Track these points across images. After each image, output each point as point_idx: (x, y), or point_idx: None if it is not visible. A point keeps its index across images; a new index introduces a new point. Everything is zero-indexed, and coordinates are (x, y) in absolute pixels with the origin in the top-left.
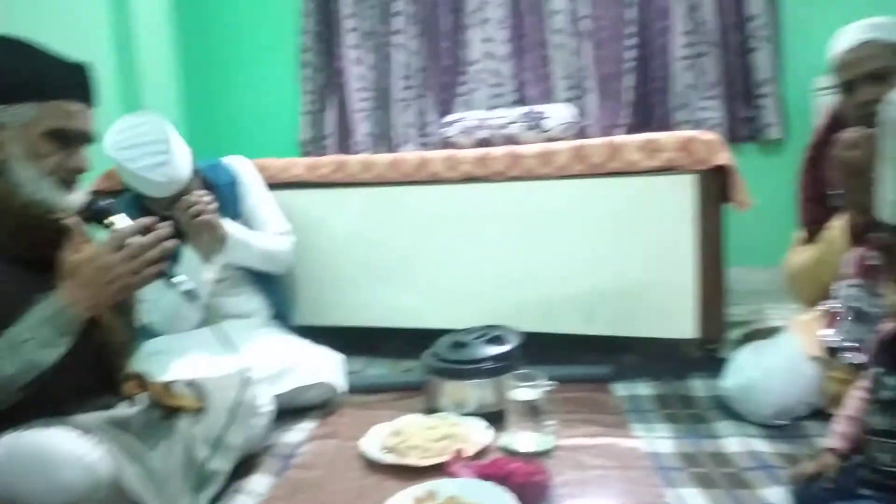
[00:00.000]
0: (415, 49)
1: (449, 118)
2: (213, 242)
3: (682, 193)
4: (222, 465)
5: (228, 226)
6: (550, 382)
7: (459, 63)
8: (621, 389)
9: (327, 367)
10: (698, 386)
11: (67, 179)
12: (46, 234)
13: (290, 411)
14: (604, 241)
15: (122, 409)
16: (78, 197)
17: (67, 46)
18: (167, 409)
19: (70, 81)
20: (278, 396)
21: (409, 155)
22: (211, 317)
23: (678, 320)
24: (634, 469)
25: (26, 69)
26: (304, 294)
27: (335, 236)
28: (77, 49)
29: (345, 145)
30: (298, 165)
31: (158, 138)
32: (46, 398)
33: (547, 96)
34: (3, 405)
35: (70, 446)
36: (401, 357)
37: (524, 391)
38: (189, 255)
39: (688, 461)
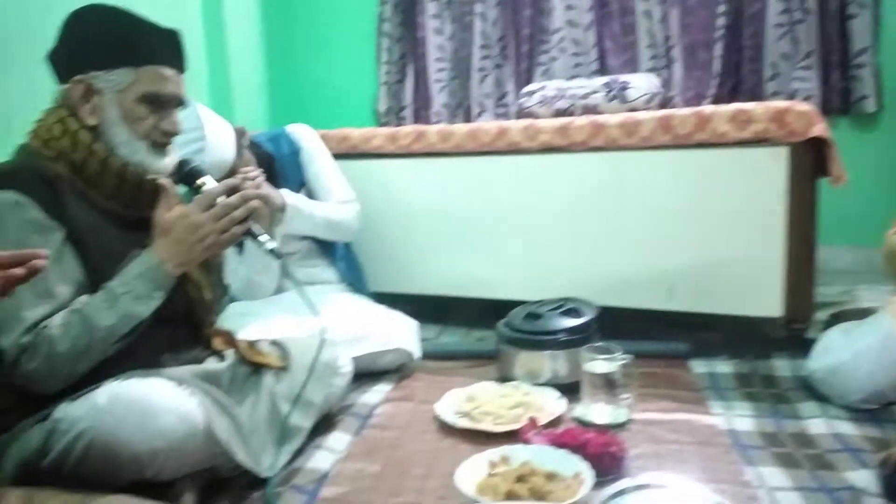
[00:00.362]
0: (494, 18)
1: (528, 88)
2: (271, 214)
3: (773, 166)
4: (303, 421)
5: (287, 196)
6: (626, 356)
7: (540, 32)
8: (700, 366)
9: (402, 333)
10: (782, 366)
11: (161, 142)
12: (142, 194)
13: (366, 374)
14: (687, 214)
15: (212, 364)
16: (170, 159)
17: (159, 14)
18: (253, 365)
19: (163, 47)
20: (355, 359)
21: (488, 125)
22: (287, 285)
23: (763, 298)
24: (712, 446)
25: (123, 36)
26: (380, 262)
27: (413, 206)
28: (168, 18)
29: (422, 116)
30: (379, 135)
31: (192, 126)
32: (142, 350)
33: (630, 66)
34: (104, 355)
35: (167, 395)
36: (473, 326)
37: (600, 364)
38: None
39: (769, 440)
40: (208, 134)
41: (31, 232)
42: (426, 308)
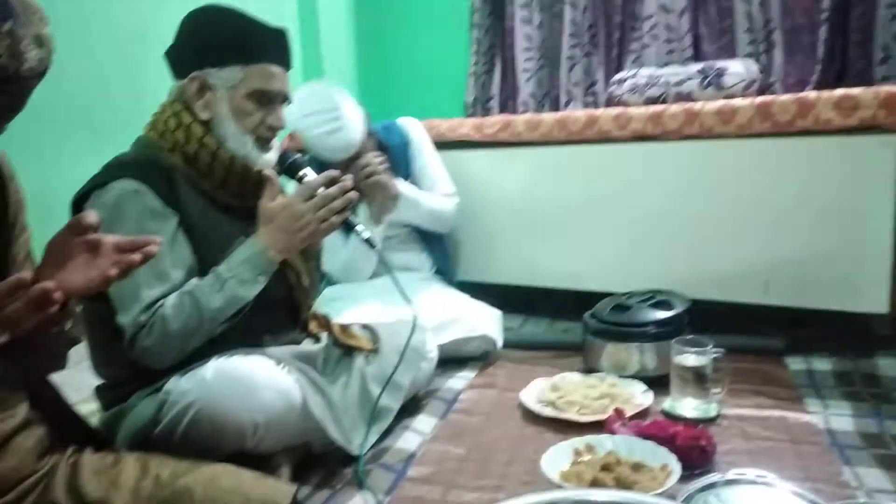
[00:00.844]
0: (584, 6)
1: (618, 76)
2: (385, 201)
3: (881, 155)
4: (392, 402)
5: (401, 185)
6: (718, 350)
7: (631, 18)
8: (796, 363)
9: (487, 322)
10: (886, 365)
11: (266, 136)
12: (248, 185)
13: (451, 360)
14: (786, 204)
15: (308, 346)
16: (274, 152)
17: (257, 7)
18: (345, 347)
19: (272, 46)
20: (441, 346)
21: (577, 113)
22: (382, 270)
23: (868, 294)
24: (808, 444)
25: (235, 35)
26: (466, 251)
27: (499, 195)
28: (264, 10)
29: (508, 106)
30: (465, 125)
31: (330, 106)
32: (246, 332)
33: (726, 52)
34: (211, 335)
35: (268, 372)
36: (557, 317)
37: (690, 357)
38: (363, 212)
39: (870, 441)
40: (344, 115)
41: (148, 218)
42: (510, 298)
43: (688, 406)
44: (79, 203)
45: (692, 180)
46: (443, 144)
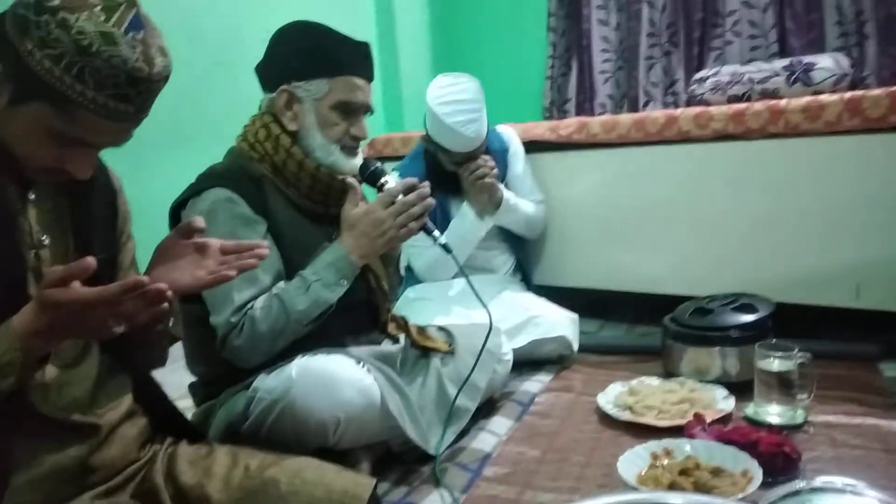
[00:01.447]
0: (663, 4)
1: (699, 75)
2: (489, 204)
3: None
4: (468, 403)
5: (504, 191)
6: (805, 355)
7: (713, 15)
8: (892, 370)
9: (563, 325)
10: None
11: (350, 146)
12: (332, 193)
13: (526, 363)
14: (878, 203)
15: (386, 346)
16: (357, 161)
17: (336, 18)
18: (421, 349)
19: (355, 59)
20: (517, 348)
21: (655, 113)
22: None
23: None
24: None
25: (321, 49)
26: (543, 254)
27: (575, 198)
28: (345, 23)
29: (585, 108)
30: (540, 127)
31: (474, 97)
32: (329, 334)
33: (814, 46)
34: (297, 336)
35: (349, 371)
36: (635, 322)
37: (775, 362)
38: (465, 211)
39: None
40: (482, 110)
41: (239, 224)
42: (587, 302)
43: (772, 412)
44: (176, 210)
45: (777, 180)
46: None
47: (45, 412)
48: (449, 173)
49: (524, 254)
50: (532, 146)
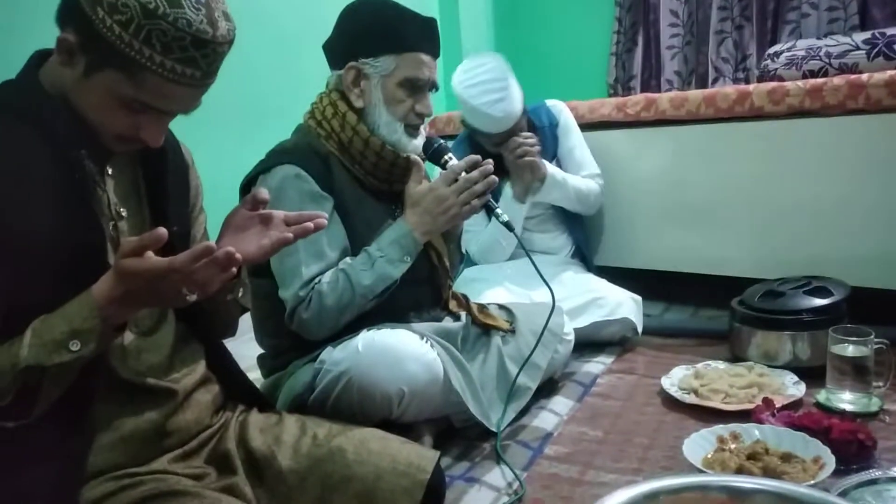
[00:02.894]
0: None
1: (773, 49)
2: (533, 181)
3: None
4: (529, 382)
5: (548, 167)
6: (882, 341)
7: None
8: None
9: (627, 306)
10: None
11: (415, 123)
12: (396, 170)
13: (588, 344)
14: None
15: (448, 323)
16: (420, 141)
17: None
18: (483, 326)
19: (422, 35)
20: (579, 329)
21: (727, 89)
22: (521, 246)
23: None
24: None
25: (388, 25)
26: (606, 234)
27: (641, 177)
28: (409, 1)
29: (651, 85)
30: (606, 105)
31: (498, 76)
32: (392, 309)
33: None
34: (362, 310)
35: (413, 345)
36: (701, 304)
37: (849, 347)
38: (509, 191)
39: None
40: (510, 87)
41: (308, 201)
42: (652, 284)
43: (845, 399)
44: (247, 186)
45: (855, 158)
46: (583, 125)
47: (124, 376)
48: (494, 156)
49: (583, 236)
50: (597, 123)
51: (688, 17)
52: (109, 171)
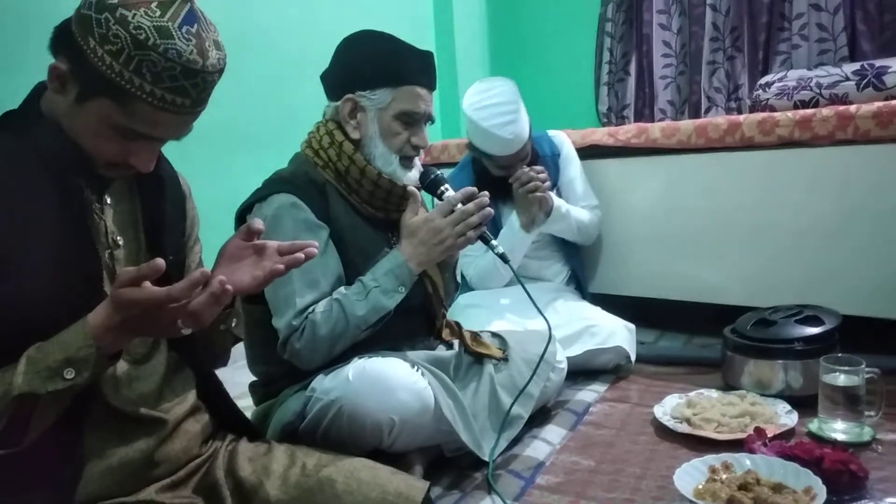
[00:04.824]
0: (727, 8)
1: (765, 80)
2: (538, 214)
3: None
4: (522, 411)
5: (554, 199)
6: (873, 370)
7: (779, 18)
8: None
9: (620, 335)
10: None
11: (410, 155)
12: (393, 198)
13: (581, 372)
14: None
15: (440, 352)
16: (415, 173)
17: (397, 29)
18: (475, 354)
19: (419, 69)
20: (572, 358)
21: (718, 119)
22: (517, 278)
23: None
24: None
25: (386, 59)
26: (599, 262)
27: (634, 205)
28: (404, 29)
29: (644, 115)
30: (598, 133)
31: (508, 100)
32: (385, 336)
33: (888, 49)
34: (355, 340)
35: (404, 374)
36: (694, 332)
37: (841, 377)
38: (512, 221)
39: None
40: (519, 111)
41: (303, 230)
42: (644, 312)
43: (837, 429)
44: (242, 215)
45: (844, 188)
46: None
47: (116, 405)
48: (498, 180)
49: (579, 263)
50: (590, 152)
51: (680, 47)
52: (108, 200)
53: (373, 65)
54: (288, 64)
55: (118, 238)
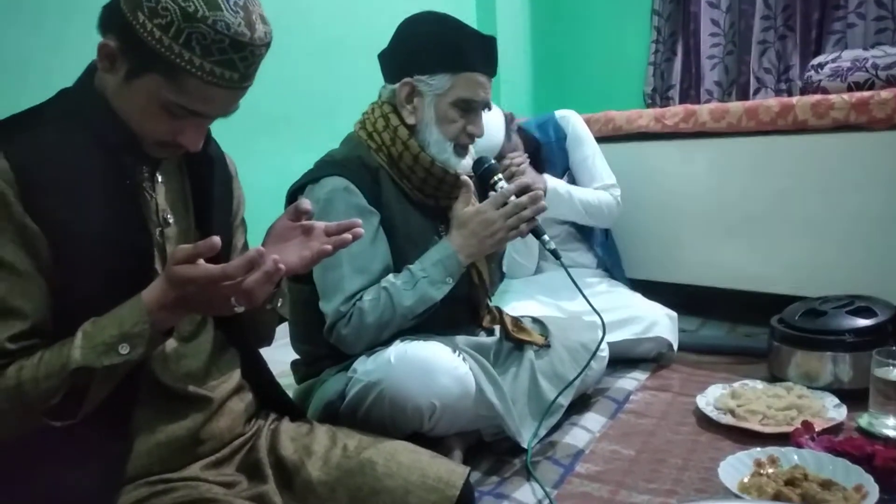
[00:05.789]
0: None
1: (817, 60)
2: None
3: None
4: (561, 398)
5: (549, 180)
6: None
7: None
8: None
9: (662, 323)
10: None
11: (465, 143)
12: (445, 186)
13: (623, 360)
14: None
15: (482, 338)
16: (468, 161)
17: (439, 8)
18: (516, 340)
19: (480, 55)
20: (614, 345)
21: (769, 101)
22: (543, 267)
23: None
24: None
25: (448, 43)
26: (640, 248)
27: (679, 190)
28: (446, 10)
29: (690, 96)
30: (645, 116)
31: None
32: (428, 324)
33: None
34: (400, 328)
35: (446, 358)
36: (738, 321)
37: (894, 371)
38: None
39: None
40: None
41: (355, 214)
42: (686, 299)
43: (889, 425)
44: (294, 195)
45: None
46: (621, 136)
47: (165, 382)
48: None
49: (609, 248)
50: (635, 135)
51: (729, 26)
52: (159, 178)
53: (434, 49)
54: (328, 46)
55: (169, 216)
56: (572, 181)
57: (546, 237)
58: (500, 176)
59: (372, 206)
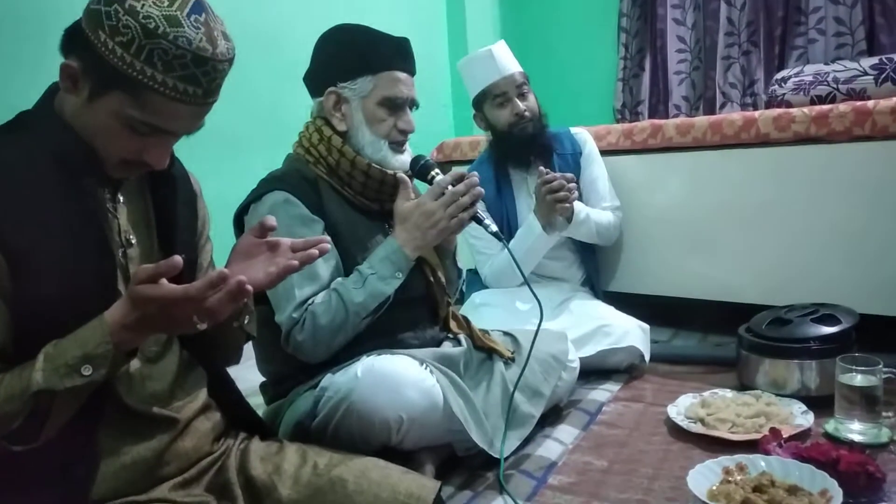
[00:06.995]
0: (742, 2)
1: (781, 75)
2: (558, 219)
3: None
4: (533, 410)
5: (575, 205)
6: (891, 370)
7: (796, 12)
8: None
9: (634, 334)
10: None
11: (398, 140)
12: (384, 188)
13: (595, 372)
14: None
15: (449, 349)
16: (406, 157)
17: (409, 28)
18: (484, 348)
19: (396, 54)
20: (585, 358)
21: (733, 115)
22: (533, 276)
23: None
24: None
25: (361, 48)
26: (613, 261)
27: (648, 203)
28: (417, 31)
29: (659, 111)
30: (613, 132)
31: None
32: (389, 327)
33: None
34: (357, 330)
35: (413, 372)
36: (708, 331)
37: (857, 377)
38: (532, 223)
39: None
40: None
41: (298, 224)
42: (659, 310)
43: (854, 430)
44: (240, 216)
45: (862, 184)
46: None
47: (129, 403)
48: (519, 146)
49: (594, 266)
50: (604, 150)
51: (695, 42)
52: (121, 199)
53: (350, 55)
54: (292, 67)
55: (131, 237)
56: (578, 197)
57: (487, 222)
58: (437, 171)
59: (314, 214)
